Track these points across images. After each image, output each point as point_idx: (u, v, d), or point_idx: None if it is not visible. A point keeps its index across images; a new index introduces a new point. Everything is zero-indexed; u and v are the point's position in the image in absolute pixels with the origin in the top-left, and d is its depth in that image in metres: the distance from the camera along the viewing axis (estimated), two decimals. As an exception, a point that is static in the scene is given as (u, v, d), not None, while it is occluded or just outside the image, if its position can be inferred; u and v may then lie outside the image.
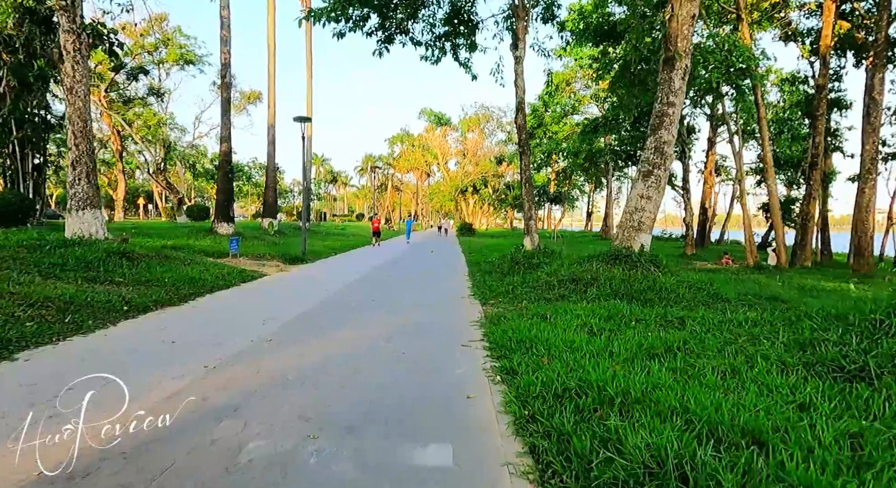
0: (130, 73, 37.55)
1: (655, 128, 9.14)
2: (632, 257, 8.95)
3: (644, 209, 9.24)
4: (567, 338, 5.45)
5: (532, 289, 9.14)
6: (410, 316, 7.38)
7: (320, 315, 7.29)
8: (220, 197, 19.79)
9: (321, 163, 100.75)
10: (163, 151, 35.86)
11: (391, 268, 14.57)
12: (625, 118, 20.62)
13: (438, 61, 15.61)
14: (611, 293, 8.02)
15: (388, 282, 11.31)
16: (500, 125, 66.40)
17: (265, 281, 10.86)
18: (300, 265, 14.62)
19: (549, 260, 11.79)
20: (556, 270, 9.62)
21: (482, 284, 10.63)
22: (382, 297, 9.01)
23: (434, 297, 9.22)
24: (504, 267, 11.99)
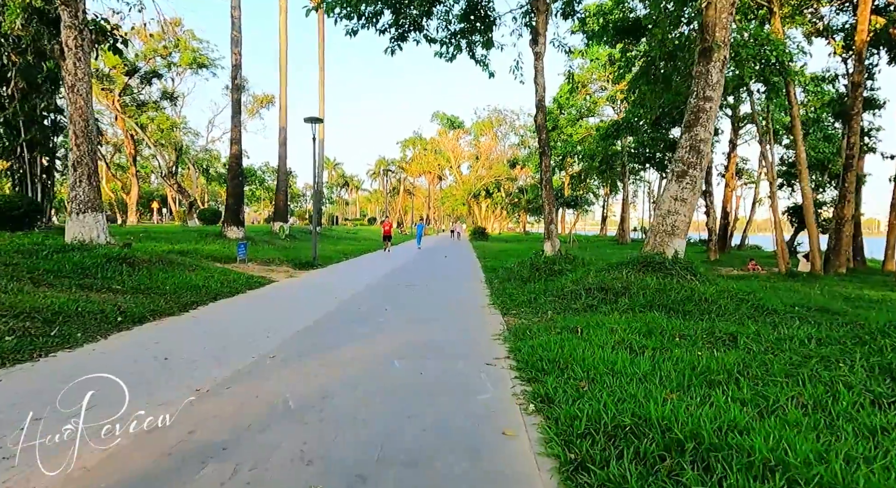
0: (144, 77, 37.65)
1: (690, 125, 8.46)
2: (665, 264, 8.26)
3: (678, 212, 8.55)
4: (606, 357, 4.81)
5: (556, 299, 8.50)
6: (426, 328, 6.78)
7: (329, 327, 6.72)
8: (231, 200, 19.41)
9: (333, 168, 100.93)
10: (174, 155, 35.76)
11: (404, 274, 14.00)
12: (645, 119, 19.88)
13: (453, 59, 15.06)
14: (645, 304, 7.34)
15: (401, 289, 10.74)
16: (513, 128, 65.81)
17: (272, 288, 10.34)
18: (310, 271, 14.11)
19: (572, 266, 11.13)
20: (582, 278, 8.96)
21: (501, 292, 10.01)
22: (395, 307, 8.42)
23: (451, 307, 8.61)
24: (524, 273, 11.35)
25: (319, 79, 29.90)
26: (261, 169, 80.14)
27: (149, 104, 37.66)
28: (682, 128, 8.70)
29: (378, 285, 11.27)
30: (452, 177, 72.80)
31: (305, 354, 5.33)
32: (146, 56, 36.37)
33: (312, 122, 15.33)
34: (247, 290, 9.71)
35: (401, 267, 16.06)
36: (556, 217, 66.54)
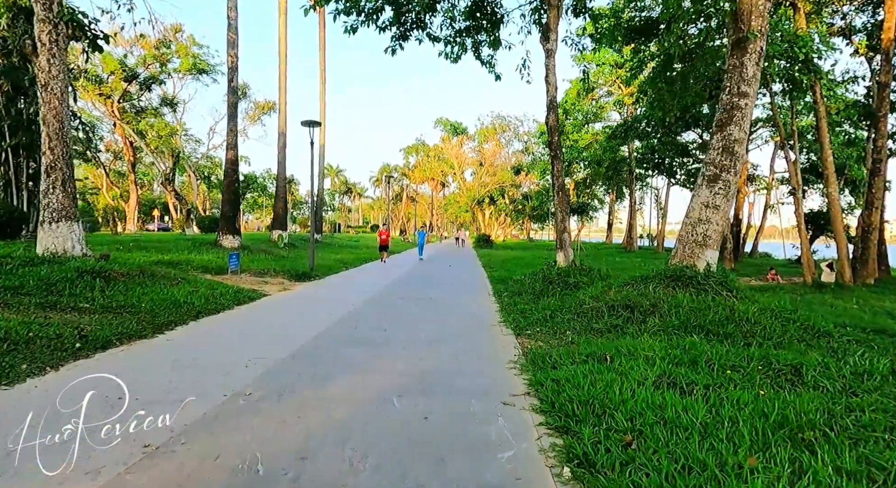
0: (143, 83, 37.15)
1: (723, 124, 7.63)
2: (697, 278, 7.40)
3: (709, 220, 7.70)
4: (649, 397, 3.95)
5: (575, 317, 7.64)
6: (429, 354, 5.93)
7: (319, 353, 5.87)
8: (226, 208, 18.64)
9: (336, 175, 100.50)
10: (171, 161, 35.15)
11: (406, 286, 13.15)
12: (656, 123, 19.05)
13: (458, 59, 14.32)
14: (678, 325, 6.47)
15: (401, 304, 9.89)
16: (517, 135, 65.17)
17: (262, 304, 9.50)
18: (306, 282, 13.28)
19: (589, 279, 10.27)
20: (602, 293, 8.10)
21: (512, 308, 9.15)
22: (395, 327, 7.57)
23: (457, 326, 7.75)
24: (536, 286, 10.49)
25: (320, 82, 29.29)
26: (262, 176, 79.64)
27: (147, 110, 37.10)
28: (713, 129, 7.87)
29: (377, 299, 10.43)
30: (456, 184, 72.14)
31: (288, 391, 4.48)
32: (145, 62, 35.87)
33: (310, 125, 14.58)
34: (234, 306, 8.88)
35: (403, 278, 15.22)
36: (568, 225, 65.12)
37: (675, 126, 21.90)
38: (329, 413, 3.97)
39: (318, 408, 4.07)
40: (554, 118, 11.86)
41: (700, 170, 8.02)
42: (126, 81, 35.83)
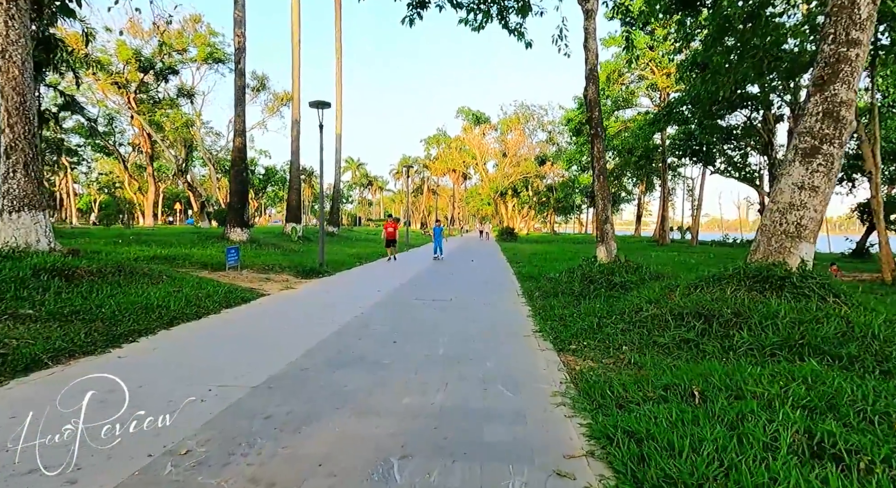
0: (160, 73, 36.48)
1: (825, 82, 5.96)
2: (792, 279, 5.77)
3: (805, 206, 6.04)
4: (801, 483, 2.44)
5: (631, 326, 6.11)
6: (448, 381, 4.50)
7: (304, 379, 4.49)
8: (234, 199, 17.50)
9: (357, 167, 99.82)
10: (183, 152, 34.42)
11: (424, 285, 11.74)
12: (702, 102, 17.11)
13: (481, 28, 12.73)
14: (779, 342, 4.88)
15: (417, 308, 8.48)
16: (541, 124, 62.93)
17: (256, 307, 8.20)
18: (314, 280, 11.99)
19: (638, 277, 8.67)
20: (663, 297, 6.53)
21: (548, 313, 7.64)
22: (406, 339, 6.16)
23: (482, 337, 6.30)
24: (574, 286, 8.93)
25: (336, 67, 27.97)
26: (283, 169, 79.27)
27: (163, 101, 36.44)
28: (809, 88, 6.19)
29: (390, 302, 9.04)
30: (478, 176, 70.33)
31: (245, 443, 3.12)
32: (161, 51, 35.16)
33: (319, 106, 13.23)
34: (221, 310, 7.59)
35: (421, 275, 13.82)
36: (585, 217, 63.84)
37: (719, 107, 19.88)
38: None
39: (281, 485, 2.68)
40: (594, 90, 10.23)
41: (791, 143, 6.33)
42: (142, 71, 35.17)
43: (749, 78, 13.22)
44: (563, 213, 76.61)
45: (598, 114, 10.26)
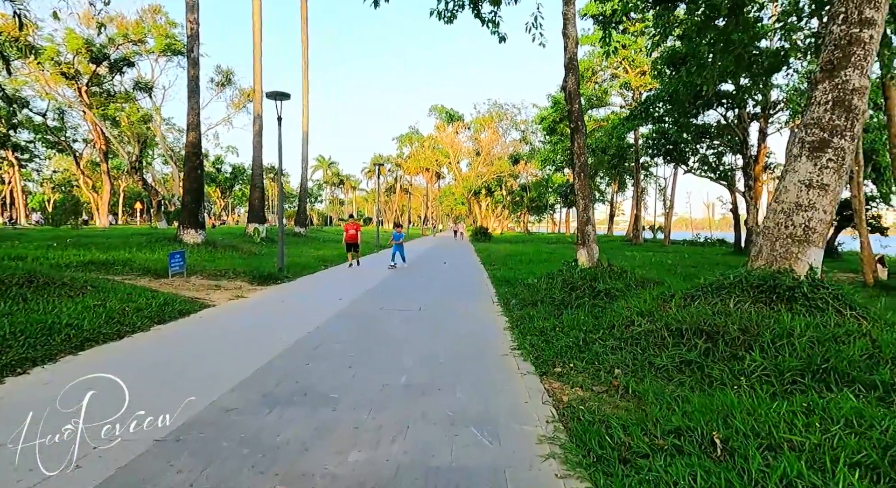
0: (114, 64, 34.40)
1: (834, 68, 5.31)
2: (802, 289, 5.10)
3: (813, 206, 5.39)
4: None
5: (622, 344, 5.35)
6: (408, 423, 3.63)
7: (223, 428, 3.54)
8: (188, 198, 16.17)
9: (328, 166, 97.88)
10: (137, 148, 32.47)
11: (391, 291, 10.83)
12: (680, 99, 16.66)
13: (453, 18, 11.91)
14: (799, 367, 4.17)
15: (381, 319, 7.57)
16: (514, 124, 62.49)
17: (195, 320, 7.15)
18: (271, 286, 10.93)
19: (624, 284, 7.95)
20: (657, 309, 5.80)
21: (527, 325, 6.84)
22: (364, 360, 5.26)
23: (453, 357, 5.45)
24: (555, 293, 8.16)
25: (302, 56, 26.67)
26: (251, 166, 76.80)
27: (118, 95, 34.35)
28: (816, 75, 5.55)
29: (351, 312, 8.11)
30: (451, 175, 69.49)
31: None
32: (115, 42, 33.13)
33: (277, 98, 12.16)
34: (152, 327, 6.53)
35: (389, 280, 12.89)
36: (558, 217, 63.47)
37: (695, 105, 19.55)
38: None
39: None
40: (574, 81, 9.50)
41: (795, 136, 5.67)
42: (94, 63, 33.05)
43: (731, 72, 12.74)
44: (537, 213, 76.56)
45: (579, 106, 9.55)
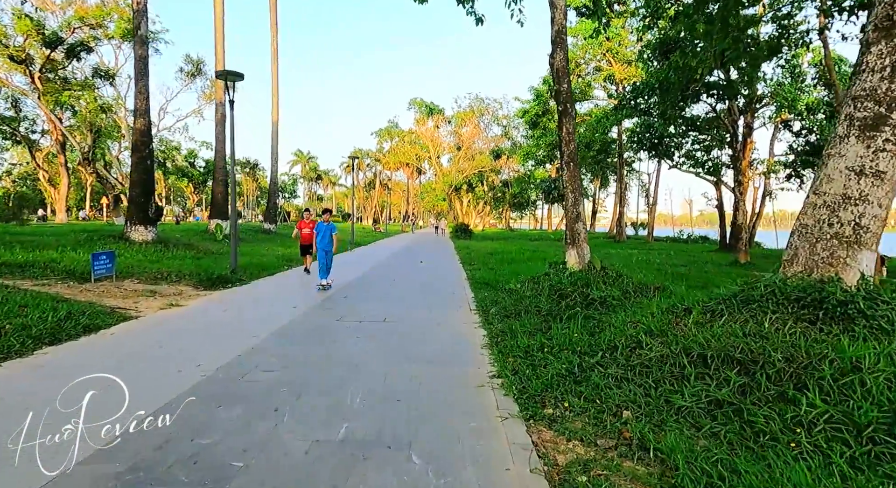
0: (71, 50, 32.14)
1: (894, 24, 4.24)
2: (857, 305, 4.01)
3: (866, 198, 4.30)
4: None
5: (627, 372, 4.22)
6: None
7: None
8: (135, 191, 14.58)
9: (307, 161, 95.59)
10: (90, 138, 30.37)
11: (355, 296, 9.56)
12: (672, 86, 15.64)
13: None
14: (881, 417, 3.06)
15: (336, 334, 6.32)
16: (496, 118, 61.36)
17: (100, 340, 5.79)
18: (219, 291, 9.56)
19: (619, 290, 6.81)
20: (668, 327, 4.66)
21: (509, 342, 5.65)
22: (296, 401, 4.00)
23: (416, 393, 4.24)
24: (541, 302, 6.99)
25: (272, 41, 25.02)
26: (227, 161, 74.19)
27: (73, 83, 32.09)
28: (868, 35, 4.47)
29: (301, 325, 6.83)
30: (432, 171, 68.11)
31: None
32: (70, 25, 30.92)
33: (227, 77, 10.74)
34: (34, 351, 5.16)
35: (355, 282, 11.61)
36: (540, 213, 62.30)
37: (685, 95, 18.59)
38: None
39: None
40: (563, 57, 8.32)
41: (842, 112, 4.57)
42: (48, 47, 30.77)
43: (727, 56, 11.75)
44: (519, 209, 75.79)
45: (568, 86, 8.38)
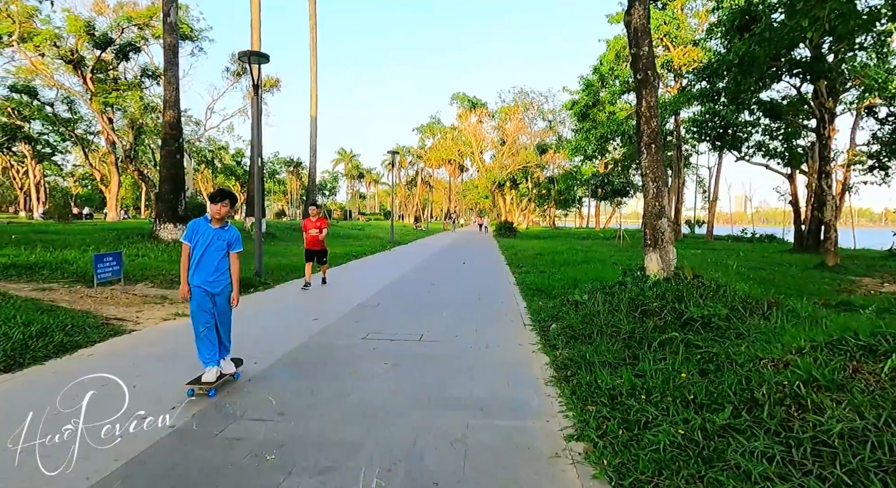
0: (120, 50, 32.70)
1: None
2: None
3: None
4: None
5: (795, 454, 2.65)
6: None
7: None
8: (164, 187, 13.92)
9: (349, 159, 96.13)
10: (131, 135, 30.66)
11: (389, 304, 8.27)
12: (757, 63, 13.45)
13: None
14: None
15: (356, 359, 5.04)
16: (541, 113, 59.01)
17: (73, 363, 4.70)
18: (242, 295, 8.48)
19: (724, 305, 5.15)
20: (841, 373, 3.05)
21: (583, 383, 4.14)
22: (295, 473, 2.66)
23: (458, 467, 2.82)
24: (618, 319, 5.43)
25: (311, 33, 24.32)
26: (270, 159, 75.51)
27: (121, 83, 32.62)
28: None
29: (319, 344, 5.60)
30: (475, 168, 66.42)
31: None
32: (119, 25, 31.38)
33: (250, 58, 9.70)
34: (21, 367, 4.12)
35: (392, 286, 10.36)
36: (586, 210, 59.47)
37: (764, 75, 16.26)
38: None
39: None
40: (642, 13, 6.65)
41: None
42: (99, 48, 31.40)
43: (835, 23, 9.71)
44: (564, 206, 73.05)
45: (649, 49, 6.73)
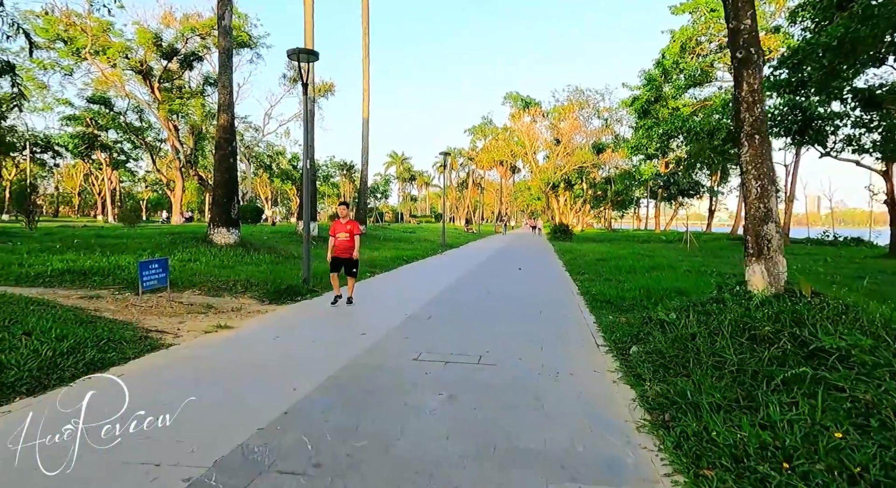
0: (184, 60, 34.11)
1: None
2: None
3: None
4: None
5: None
6: None
7: None
8: (218, 192, 13.94)
9: (401, 162, 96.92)
10: (191, 141, 31.79)
11: (443, 317, 7.57)
12: (863, 44, 11.74)
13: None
14: None
15: (404, 388, 4.34)
16: (596, 111, 56.77)
17: (77, 390, 4.27)
18: (284, 306, 8.07)
19: (861, 332, 4.07)
20: None
21: (692, 434, 3.23)
22: None
23: None
24: (721, 346, 4.44)
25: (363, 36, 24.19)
26: (325, 163, 77.14)
27: (185, 91, 34.04)
28: None
29: (362, 366, 4.93)
30: (527, 169, 64.93)
31: None
32: (183, 36, 32.69)
33: (300, 56, 9.33)
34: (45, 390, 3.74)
35: (446, 293, 9.66)
36: (644, 212, 56.25)
37: (864, 59, 14.36)
38: None
39: None
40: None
41: None
42: (165, 58, 32.87)
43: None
44: (621, 208, 70.21)
45: (753, 22, 5.65)
